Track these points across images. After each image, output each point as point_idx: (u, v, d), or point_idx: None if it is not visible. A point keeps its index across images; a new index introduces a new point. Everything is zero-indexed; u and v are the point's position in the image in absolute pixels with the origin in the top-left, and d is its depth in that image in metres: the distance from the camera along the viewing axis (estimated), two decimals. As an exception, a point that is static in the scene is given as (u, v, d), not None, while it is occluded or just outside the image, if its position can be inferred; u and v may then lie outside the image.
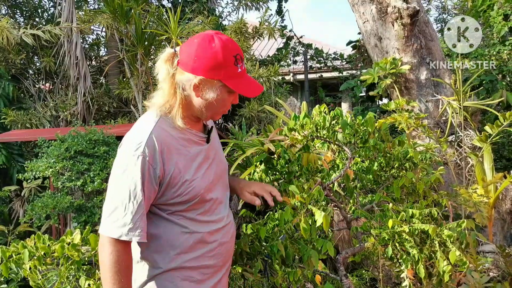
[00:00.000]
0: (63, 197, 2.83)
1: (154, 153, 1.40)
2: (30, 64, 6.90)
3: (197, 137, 1.56)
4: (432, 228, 1.89)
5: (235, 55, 1.44)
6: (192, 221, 1.52)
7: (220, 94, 1.47)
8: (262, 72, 4.89)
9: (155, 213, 1.50)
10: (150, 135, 1.41)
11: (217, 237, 1.58)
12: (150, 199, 1.43)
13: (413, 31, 3.84)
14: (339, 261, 2.26)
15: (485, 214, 2.78)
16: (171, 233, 1.50)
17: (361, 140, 2.20)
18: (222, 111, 1.54)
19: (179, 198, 1.46)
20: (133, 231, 1.38)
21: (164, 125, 1.47)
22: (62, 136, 3.24)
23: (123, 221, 1.37)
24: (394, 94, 4.09)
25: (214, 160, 1.61)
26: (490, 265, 3.18)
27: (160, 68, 1.49)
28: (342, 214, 2.41)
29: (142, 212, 1.39)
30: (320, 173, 2.10)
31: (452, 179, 3.72)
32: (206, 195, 1.53)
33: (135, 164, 1.37)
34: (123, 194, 1.38)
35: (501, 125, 3.25)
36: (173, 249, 1.50)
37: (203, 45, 1.43)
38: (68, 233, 2.09)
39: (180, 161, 1.46)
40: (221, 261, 1.61)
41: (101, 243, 1.41)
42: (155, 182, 1.41)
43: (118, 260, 1.38)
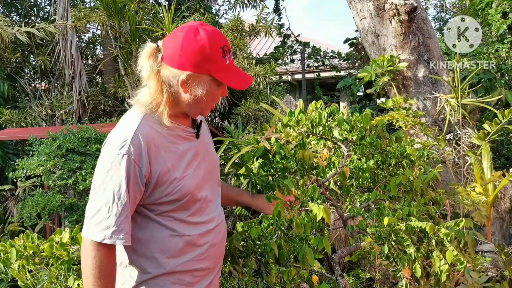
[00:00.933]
0: (54, 196, 2.78)
1: (140, 151, 1.33)
2: (25, 62, 6.85)
3: (186, 132, 1.49)
4: (429, 225, 1.85)
5: (222, 47, 1.38)
6: (182, 223, 1.45)
7: (210, 88, 1.40)
8: (258, 70, 4.85)
9: (143, 215, 1.43)
10: (136, 132, 1.34)
11: (208, 239, 1.52)
12: (136, 200, 1.37)
13: (410, 28, 3.80)
14: (334, 260, 2.22)
15: (483, 213, 2.74)
16: (160, 236, 1.43)
17: (357, 137, 2.16)
18: (211, 105, 1.48)
19: (168, 197, 1.40)
20: (117, 234, 1.31)
21: (150, 121, 1.40)
22: (53, 134, 3.19)
23: (106, 223, 1.30)
24: (392, 92, 4.05)
25: (205, 156, 1.56)
26: (488, 264, 3.14)
27: (143, 65, 1.41)
28: (338, 212, 2.37)
29: (126, 214, 1.33)
30: (315, 169, 2.06)
31: (450, 178, 3.68)
32: (197, 193, 1.47)
33: (119, 163, 1.31)
34: (106, 195, 1.31)
35: (500, 122, 3.22)
36: (162, 254, 1.43)
37: (188, 38, 1.35)
38: (57, 232, 2.04)
39: (168, 159, 1.40)
40: (212, 263, 1.56)
41: (84, 247, 1.34)
42: (141, 182, 1.34)
43: (101, 265, 1.31)
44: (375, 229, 1.94)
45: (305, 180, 1.93)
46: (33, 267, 1.96)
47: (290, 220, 1.74)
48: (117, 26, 4.41)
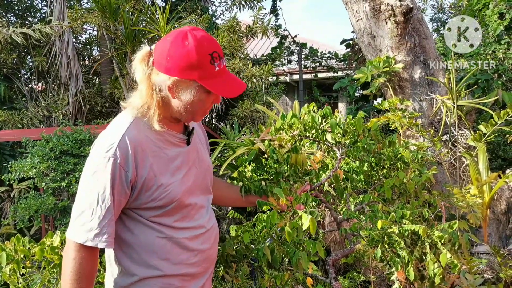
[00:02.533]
0: (47, 199, 2.76)
1: (127, 155, 1.33)
2: (22, 64, 6.83)
3: (176, 138, 1.48)
4: (422, 228, 1.84)
5: (211, 53, 1.35)
6: (168, 228, 1.44)
7: (197, 95, 1.38)
8: (255, 71, 4.84)
9: (131, 217, 1.43)
10: (123, 136, 1.34)
11: (197, 243, 1.51)
12: (120, 204, 1.36)
13: (406, 29, 3.79)
14: (328, 263, 2.21)
15: (479, 214, 2.73)
16: (148, 238, 1.42)
17: (350, 141, 2.15)
18: (202, 112, 1.46)
19: (153, 203, 1.39)
20: (99, 236, 1.31)
21: (140, 125, 1.39)
22: (47, 136, 3.17)
23: (89, 225, 1.31)
24: (388, 93, 4.05)
25: (195, 163, 1.54)
26: (484, 266, 3.13)
27: (136, 68, 1.41)
28: (332, 215, 2.37)
29: (110, 218, 1.32)
30: (308, 175, 2.04)
31: (446, 179, 3.67)
32: (185, 200, 1.46)
33: (105, 166, 1.31)
34: (91, 197, 1.31)
35: (495, 124, 3.21)
36: (149, 256, 1.42)
37: (175, 43, 1.34)
38: (49, 235, 2.03)
39: (156, 164, 1.39)
40: (202, 268, 1.55)
41: (66, 247, 1.35)
42: (126, 186, 1.34)
43: (80, 268, 1.32)
44: (368, 232, 1.93)
45: (298, 186, 1.92)
46: (25, 271, 1.95)
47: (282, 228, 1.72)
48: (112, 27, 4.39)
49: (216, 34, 5.20)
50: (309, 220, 1.61)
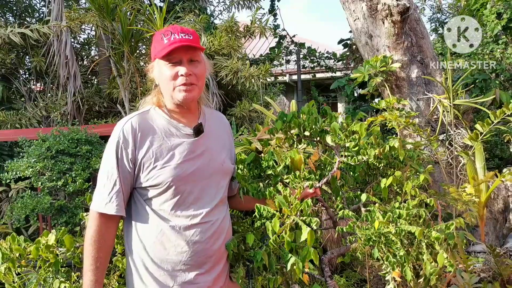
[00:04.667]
0: (43, 198, 2.76)
1: (128, 135, 1.56)
2: (21, 64, 6.82)
3: (182, 130, 1.65)
4: (418, 230, 1.84)
5: (164, 32, 1.61)
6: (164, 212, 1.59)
7: (160, 69, 1.62)
8: (253, 71, 4.84)
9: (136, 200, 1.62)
10: (128, 121, 1.59)
11: (188, 234, 1.59)
12: (126, 179, 1.57)
13: (403, 28, 3.79)
14: (324, 261, 2.21)
15: (475, 213, 2.74)
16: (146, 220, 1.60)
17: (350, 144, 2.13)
18: (173, 86, 1.61)
19: (149, 181, 1.57)
20: (109, 205, 1.54)
21: (152, 114, 1.65)
22: (43, 135, 3.17)
23: (102, 196, 1.56)
24: (385, 93, 4.05)
25: (202, 155, 1.66)
26: (481, 265, 3.13)
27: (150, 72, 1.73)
28: (328, 213, 2.37)
29: (118, 189, 1.55)
30: (308, 180, 2.03)
31: (443, 178, 3.68)
32: (179, 185, 1.58)
33: (112, 147, 1.57)
34: (104, 174, 1.57)
35: (492, 123, 3.21)
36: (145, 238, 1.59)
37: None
38: (44, 234, 2.03)
39: (156, 146, 1.58)
40: (193, 261, 1.60)
41: (89, 216, 1.60)
42: (128, 164, 1.56)
43: (95, 231, 1.55)
44: (365, 232, 1.93)
45: (298, 193, 1.90)
46: (20, 270, 1.95)
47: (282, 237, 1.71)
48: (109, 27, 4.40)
49: (214, 34, 5.20)
50: (307, 233, 1.62)
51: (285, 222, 1.73)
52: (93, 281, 1.54)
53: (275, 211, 1.78)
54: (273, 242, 1.72)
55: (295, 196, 1.80)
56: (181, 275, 1.59)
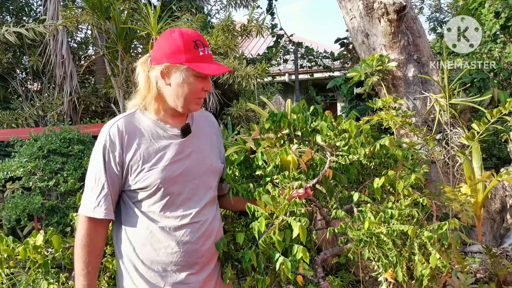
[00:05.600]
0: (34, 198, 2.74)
1: (114, 138, 1.54)
2: (17, 63, 6.80)
3: (169, 131, 1.62)
4: (411, 228, 1.82)
5: (195, 40, 1.55)
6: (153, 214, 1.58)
7: (186, 78, 1.55)
8: (249, 70, 4.81)
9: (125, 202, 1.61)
10: (115, 123, 1.57)
11: (178, 235, 1.58)
12: (114, 183, 1.56)
13: (400, 27, 3.77)
14: (317, 262, 2.19)
15: (470, 213, 2.71)
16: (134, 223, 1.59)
17: (341, 143, 2.11)
18: (194, 98, 1.60)
19: (138, 184, 1.56)
20: (97, 208, 1.53)
21: (137, 117, 1.62)
22: (35, 135, 3.14)
23: (90, 200, 1.54)
24: (382, 92, 4.02)
25: (190, 156, 1.64)
26: (477, 265, 3.11)
27: (138, 72, 1.63)
28: (321, 214, 2.34)
29: (106, 193, 1.54)
30: (297, 181, 2.00)
31: (439, 178, 3.65)
32: (168, 187, 1.57)
33: (99, 150, 1.55)
34: (91, 178, 1.56)
35: (488, 122, 3.19)
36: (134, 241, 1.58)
37: (164, 37, 1.58)
38: (33, 234, 2.01)
39: (143, 149, 1.56)
40: (184, 262, 1.59)
41: (77, 220, 1.59)
42: (115, 167, 1.54)
43: (84, 235, 1.53)
44: (356, 232, 1.90)
45: (287, 193, 1.87)
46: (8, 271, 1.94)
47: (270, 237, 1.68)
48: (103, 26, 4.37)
49: (210, 33, 5.17)
50: (298, 227, 1.59)
51: (274, 222, 1.71)
52: (85, 286, 1.55)
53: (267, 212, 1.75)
54: (262, 242, 1.70)
55: (284, 196, 1.78)
56: (172, 276, 1.59)
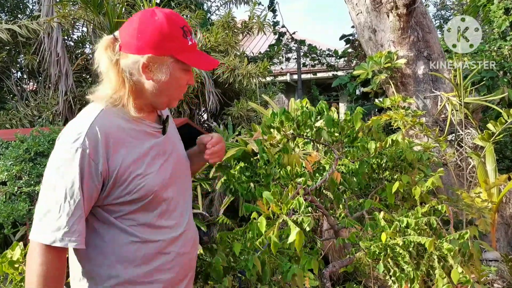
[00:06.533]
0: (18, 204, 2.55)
1: (96, 145, 1.21)
2: (12, 62, 6.62)
3: (151, 128, 1.35)
4: (429, 241, 1.63)
5: (182, 27, 1.28)
6: (146, 227, 1.30)
7: (173, 71, 1.29)
8: (250, 68, 4.62)
9: (101, 219, 1.28)
10: (92, 125, 1.22)
11: (174, 247, 1.36)
12: (91, 199, 1.23)
13: (409, 22, 3.58)
14: (325, 275, 2.01)
15: (489, 220, 2.52)
16: (118, 242, 1.28)
17: (348, 139, 1.94)
18: (178, 94, 1.36)
19: (128, 196, 1.26)
20: (68, 235, 1.17)
21: (111, 115, 1.28)
22: (22, 136, 2.96)
23: (57, 224, 1.17)
24: (390, 90, 3.84)
25: (172, 154, 1.40)
26: (494, 275, 2.92)
27: (100, 58, 1.29)
28: (329, 222, 2.16)
29: (80, 214, 1.19)
30: (301, 177, 1.83)
31: (452, 181, 3.46)
32: (162, 193, 1.32)
33: (73, 158, 1.18)
34: (58, 193, 1.18)
35: (505, 122, 3.02)
36: (120, 262, 1.28)
37: (144, 19, 1.26)
38: (13, 246, 1.83)
39: (130, 155, 1.27)
40: (181, 274, 1.39)
41: (31, 250, 1.19)
42: (97, 179, 1.21)
43: (47, 273, 1.17)
44: (369, 244, 1.72)
45: (289, 190, 1.72)
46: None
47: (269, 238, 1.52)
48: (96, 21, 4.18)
49: (210, 30, 4.99)
50: (296, 233, 1.41)
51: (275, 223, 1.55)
52: None
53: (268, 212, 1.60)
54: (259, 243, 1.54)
55: (286, 193, 1.61)
56: None
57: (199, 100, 4.89)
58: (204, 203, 3.41)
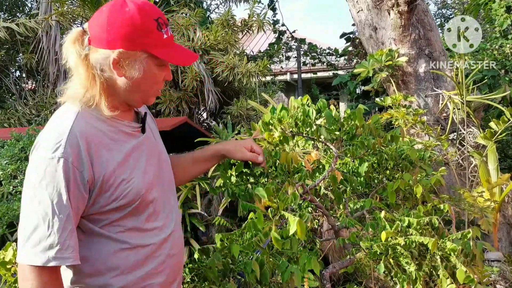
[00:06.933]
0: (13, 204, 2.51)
1: (79, 152, 1.12)
2: (11, 61, 6.59)
3: (130, 128, 1.28)
4: (432, 242, 1.59)
5: (157, 19, 1.18)
6: (136, 232, 1.25)
7: (147, 68, 1.20)
8: (250, 67, 4.58)
9: (85, 229, 1.21)
10: (71, 131, 1.13)
11: (164, 249, 1.31)
12: (79, 211, 1.15)
13: (410, 19, 3.54)
14: (325, 276, 1.97)
15: (491, 220, 2.49)
16: (106, 251, 1.21)
17: (347, 136, 1.90)
18: (154, 90, 1.28)
19: (115, 203, 1.19)
20: (62, 252, 1.09)
21: (88, 117, 1.19)
22: (17, 135, 2.92)
23: (47, 242, 1.08)
24: (391, 89, 3.80)
25: (153, 153, 1.34)
26: (496, 275, 2.88)
27: (68, 53, 1.19)
28: (329, 222, 2.12)
29: (71, 228, 1.11)
30: (297, 173, 1.80)
31: (453, 180, 3.42)
32: (148, 195, 1.26)
33: (55, 169, 1.09)
34: (43, 209, 1.09)
35: (508, 121, 2.98)
36: (110, 271, 1.22)
37: (114, 11, 1.16)
38: (6, 246, 1.79)
39: (113, 159, 1.20)
40: (171, 277, 1.35)
41: (22, 275, 1.10)
42: (83, 188, 1.14)
43: None
44: (370, 243, 1.68)
45: (286, 187, 1.68)
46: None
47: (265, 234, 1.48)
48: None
49: (210, 29, 4.95)
50: (296, 223, 1.36)
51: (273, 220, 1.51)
52: None
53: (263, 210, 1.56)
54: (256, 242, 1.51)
55: (283, 190, 1.57)
56: None
57: (198, 99, 4.86)
58: (203, 202, 3.38)
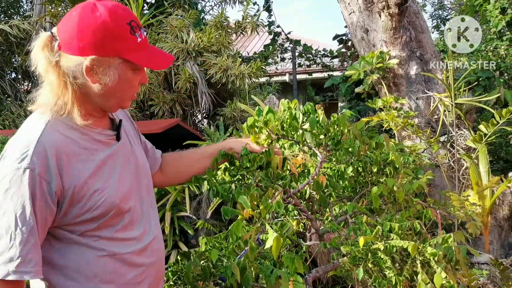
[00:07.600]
0: None
1: (47, 163, 1.10)
2: (6, 63, 6.59)
3: (104, 136, 1.25)
4: (412, 245, 1.59)
5: (129, 22, 1.15)
6: (110, 241, 1.22)
7: (122, 73, 1.17)
8: (243, 69, 4.58)
9: (60, 237, 1.19)
10: (39, 141, 1.11)
11: (145, 258, 1.29)
12: (46, 223, 1.13)
13: (401, 22, 3.53)
14: (308, 281, 1.96)
15: (479, 223, 2.48)
16: (85, 259, 1.19)
17: (332, 142, 1.90)
18: (129, 95, 1.25)
19: (89, 214, 1.16)
20: (23, 266, 1.07)
21: (59, 126, 1.16)
22: (3, 137, 2.91)
23: (8, 255, 1.06)
24: (382, 91, 3.79)
25: (129, 160, 1.31)
26: (485, 278, 2.88)
27: (37, 59, 1.17)
28: (313, 226, 2.12)
29: (34, 241, 1.09)
30: (281, 180, 1.79)
31: (444, 183, 3.42)
32: (124, 205, 1.23)
33: (21, 179, 1.07)
34: (7, 220, 1.07)
35: (497, 123, 2.97)
36: (88, 280, 1.20)
37: (84, 16, 1.12)
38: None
39: (85, 169, 1.17)
40: (153, 286, 1.34)
41: None
42: (51, 200, 1.11)
43: None
44: (350, 248, 1.68)
45: (270, 193, 1.67)
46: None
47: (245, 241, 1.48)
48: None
49: (204, 30, 4.95)
50: (273, 239, 1.36)
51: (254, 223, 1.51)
52: None
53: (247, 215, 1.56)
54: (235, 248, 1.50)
55: (266, 196, 1.56)
56: None
57: (192, 101, 4.85)
58: (192, 205, 3.38)
